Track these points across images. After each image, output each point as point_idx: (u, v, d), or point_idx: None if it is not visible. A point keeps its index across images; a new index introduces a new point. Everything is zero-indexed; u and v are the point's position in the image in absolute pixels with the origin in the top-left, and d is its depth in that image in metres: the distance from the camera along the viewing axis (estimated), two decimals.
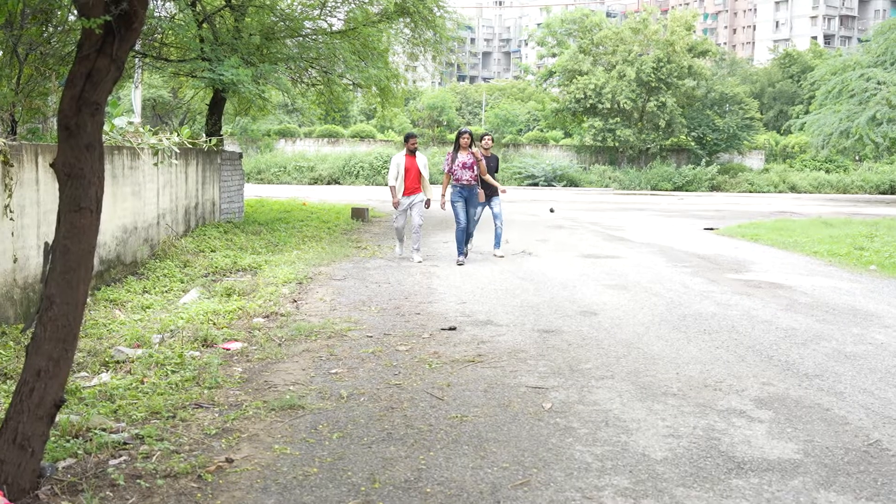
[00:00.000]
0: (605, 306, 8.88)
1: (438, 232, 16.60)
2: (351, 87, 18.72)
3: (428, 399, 5.48)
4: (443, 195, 12.66)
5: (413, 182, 12.39)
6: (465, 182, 12.28)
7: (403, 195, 12.39)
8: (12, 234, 7.00)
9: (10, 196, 6.90)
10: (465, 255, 12.47)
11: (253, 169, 40.31)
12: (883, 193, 43.51)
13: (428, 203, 12.54)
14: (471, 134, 12.49)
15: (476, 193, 12.34)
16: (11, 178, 6.92)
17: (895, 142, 32.27)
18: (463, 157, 12.30)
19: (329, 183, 41.15)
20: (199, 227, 14.38)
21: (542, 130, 51.78)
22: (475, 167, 12.31)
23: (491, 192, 12.81)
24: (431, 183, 13.30)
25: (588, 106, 44.14)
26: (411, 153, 12.37)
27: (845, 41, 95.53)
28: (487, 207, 12.92)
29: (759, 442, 4.75)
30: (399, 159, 12.39)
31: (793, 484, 4.15)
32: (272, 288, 9.42)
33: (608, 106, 43.59)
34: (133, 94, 24.43)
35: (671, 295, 9.68)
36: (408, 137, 12.52)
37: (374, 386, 5.77)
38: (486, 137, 13.04)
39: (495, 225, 12.93)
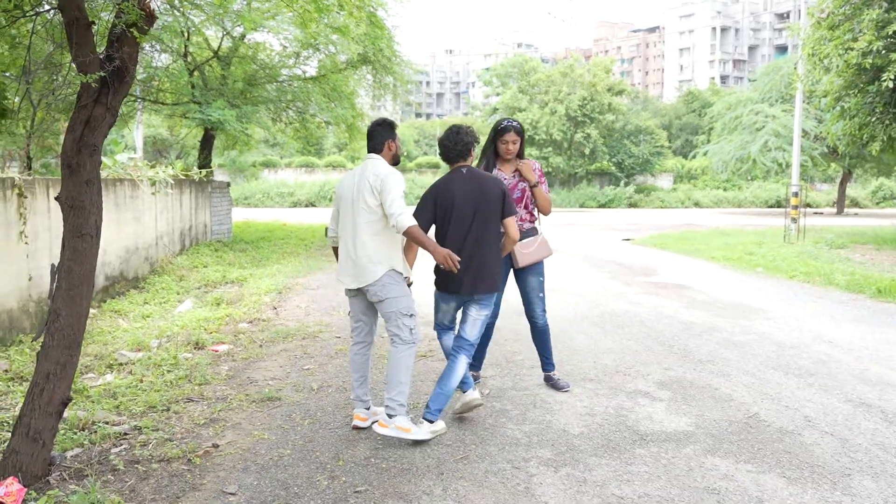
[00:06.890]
0: None
1: None
2: (323, 125, 18.66)
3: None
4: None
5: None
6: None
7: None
8: (27, 256, 6.91)
9: (24, 223, 6.82)
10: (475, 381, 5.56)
11: (240, 195, 39.98)
12: (771, 207, 44.60)
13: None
14: (520, 132, 5.31)
15: (537, 247, 5.37)
16: (26, 208, 6.85)
17: (781, 165, 33.14)
18: (504, 176, 5.36)
19: (307, 206, 40.91)
20: (193, 246, 14.24)
21: None
22: (528, 198, 5.40)
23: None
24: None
25: (526, 137, 44.64)
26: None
27: (738, 80, 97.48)
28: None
29: (659, 417, 4.86)
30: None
31: (685, 451, 4.27)
32: (256, 297, 9.38)
33: (543, 137, 44.26)
34: (135, 133, 24.19)
35: (592, 296, 9.83)
36: (382, 126, 4.60)
37: (340, 379, 5.79)
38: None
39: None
